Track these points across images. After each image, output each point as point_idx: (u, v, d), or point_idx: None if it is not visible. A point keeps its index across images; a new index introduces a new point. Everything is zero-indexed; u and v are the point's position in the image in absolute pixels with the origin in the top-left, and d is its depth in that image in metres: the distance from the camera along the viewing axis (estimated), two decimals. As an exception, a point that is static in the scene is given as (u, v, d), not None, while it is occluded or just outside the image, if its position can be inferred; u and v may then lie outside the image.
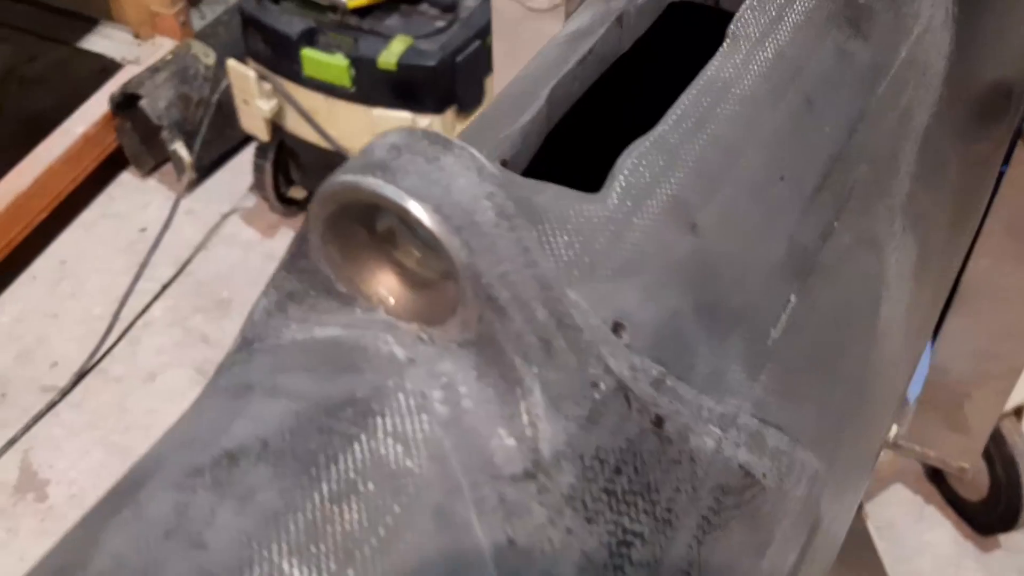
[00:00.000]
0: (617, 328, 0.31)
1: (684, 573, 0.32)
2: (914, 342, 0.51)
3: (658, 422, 0.31)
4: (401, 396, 0.27)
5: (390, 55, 1.62)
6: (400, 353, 0.28)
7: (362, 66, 1.63)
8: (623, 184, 0.33)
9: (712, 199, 0.35)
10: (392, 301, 0.29)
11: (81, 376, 1.79)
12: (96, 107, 1.96)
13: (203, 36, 2.02)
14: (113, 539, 0.25)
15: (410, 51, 1.62)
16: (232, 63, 1.76)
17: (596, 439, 0.29)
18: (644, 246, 0.32)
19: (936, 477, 1.62)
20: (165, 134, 1.93)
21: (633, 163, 0.34)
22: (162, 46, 2.05)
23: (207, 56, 1.96)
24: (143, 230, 1.98)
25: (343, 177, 0.26)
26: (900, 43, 0.44)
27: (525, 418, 0.27)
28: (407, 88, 1.64)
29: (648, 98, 0.38)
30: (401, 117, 1.64)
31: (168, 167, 2.04)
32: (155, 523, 0.25)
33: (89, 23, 2.14)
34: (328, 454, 0.26)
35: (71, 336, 1.84)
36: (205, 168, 2.01)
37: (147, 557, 0.24)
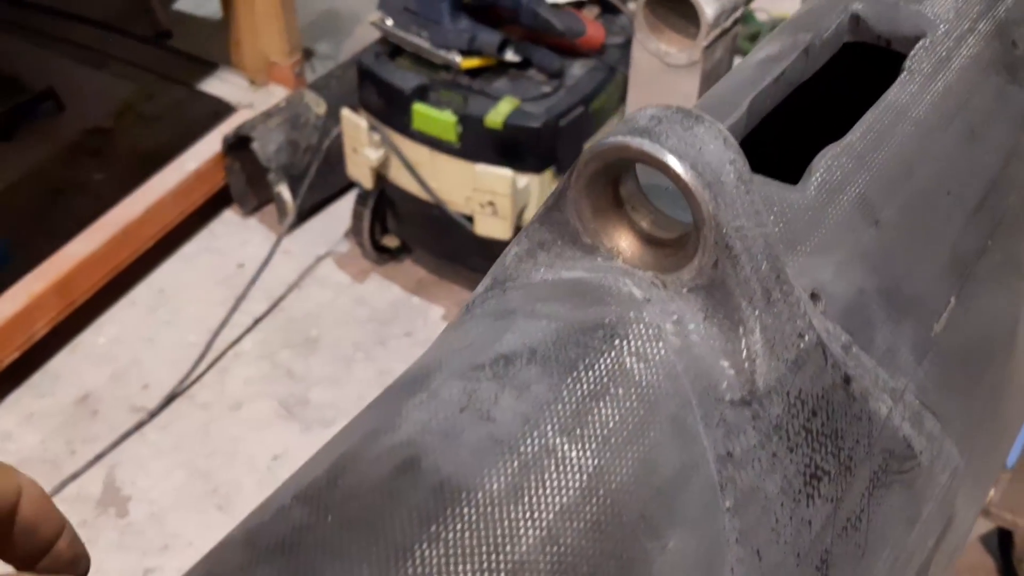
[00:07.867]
0: (814, 297, 0.36)
1: (856, 518, 0.36)
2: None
3: (847, 380, 0.35)
4: (641, 326, 0.32)
5: (497, 114, 1.70)
6: (638, 293, 0.33)
7: (469, 123, 1.72)
8: (819, 180, 0.38)
9: (892, 200, 0.40)
10: (629, 253, 0.34)
11: (170, 400, 1.86)
12: (209, 146, 2.06)
13: (315, 87, 2.12)
14: (414, 413, 0.30)
15: (516, 112, 1.70)
16: (346, 112, 1.86)
17: (799, 382, 0.33)
18: (836, 232, 0.38)
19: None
20: (272, 176, 2.02)
21: (827, 163, 0.39)
22: (275, 94, 2.16)
23: (318, 106, 2.06)
24: (241, 266, 2.06)
25: (613, 139, 0.32)
26: (1049, 93, 0.49)
27: (745, 353, 0.32)
28: (511, 147, 1.72)
29: (825, 117, 0.43)
30: (502, 174, 1.71)
31: (268, 208, 2.14)
32: (449, 402, 0.30)
33: (208, 67, 2.26)
34: (585, 362, 0.31)
35: (164, 361, 1.92)
36: (305, 212, 2.10)
37: (446, 424, 0.29)
